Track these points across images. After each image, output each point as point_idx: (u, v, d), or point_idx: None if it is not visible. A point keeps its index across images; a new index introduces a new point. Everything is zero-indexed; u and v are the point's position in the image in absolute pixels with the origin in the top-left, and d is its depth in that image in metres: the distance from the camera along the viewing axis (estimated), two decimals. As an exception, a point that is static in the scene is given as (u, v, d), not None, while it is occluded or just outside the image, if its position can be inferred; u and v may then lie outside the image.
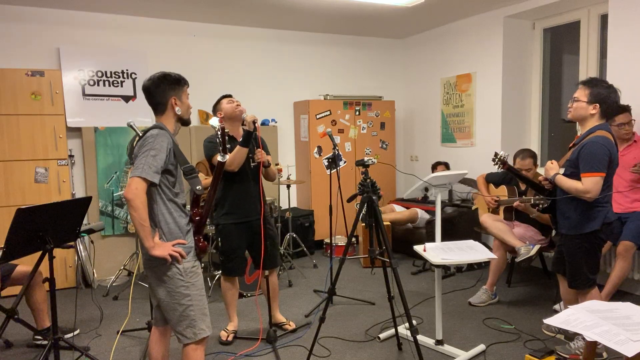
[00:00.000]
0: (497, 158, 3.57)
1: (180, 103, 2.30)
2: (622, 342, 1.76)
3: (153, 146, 2.13)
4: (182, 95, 2.31)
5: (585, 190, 2.74)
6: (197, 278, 2.25)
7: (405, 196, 3.44)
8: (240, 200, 3.29)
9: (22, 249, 2.76)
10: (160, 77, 2.27)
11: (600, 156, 2.72)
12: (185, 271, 2.20)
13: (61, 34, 4.87)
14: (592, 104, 2.80)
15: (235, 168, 3.13)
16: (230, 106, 3.25)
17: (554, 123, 5.33)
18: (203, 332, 2.24)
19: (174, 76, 2.29)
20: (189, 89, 2.39)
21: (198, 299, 2.23)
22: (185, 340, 2.23)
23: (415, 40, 6.51)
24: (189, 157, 5.31)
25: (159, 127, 2.23)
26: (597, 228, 2.81)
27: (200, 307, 2.24)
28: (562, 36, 5.19)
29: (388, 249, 2.82)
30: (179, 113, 2.28)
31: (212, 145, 3.25)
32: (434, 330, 3.33)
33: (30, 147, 4.50)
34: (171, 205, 2.22)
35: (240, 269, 3.43)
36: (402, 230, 5.42)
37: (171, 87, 2.27)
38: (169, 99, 2.27)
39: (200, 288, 2.26)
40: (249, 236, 3.35)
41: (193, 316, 2.20)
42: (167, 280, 2.18)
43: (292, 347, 3.32)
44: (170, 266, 2.16)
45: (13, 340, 3.48)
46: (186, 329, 2.21)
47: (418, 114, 6.56)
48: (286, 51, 6.02)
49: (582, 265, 2.89)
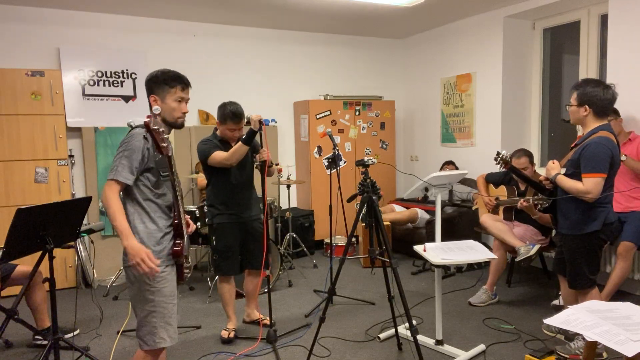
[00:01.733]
0: (500, 157, 3.56)
1: (162, 103, 2.19)
2: (622, 342, 1.76)
3: (127, 146, 2.10)
4: (165, 96, 2.19)
5: (586, 191, 2.73)
6: (165, 284, 2.14)
7: (405, 196, 3.44)
8: (235, 200, 3.32)
9: (22, 249, 2.76)
10: (152, 74, 2.23)
11: (601, 157, 2.71)
12: (154, 275, 2.10)
13: (61, 34, 4.88)
14: (581, 107, 2.80)
15: (233, 163, 3.16)
16: (230, 134, 3.30)
17: (554, 123, 5.33)
18: (163, 342, 2.15)
19: (161, 75, 2.20)
20: (185, 92, 2.25)
21: (162, 306, 2.14)
22: (145, 346, 2.15)
23: (415, 40, 6.51)
24: (188, 158, 5.31)
25: (141, 126, 2.17)
26: (597, 228, 2.81)
27: (164, 315, 2.15)
28: (562, 36, 5.19)
29: (388, 249, 2.82)
30: (156, 112, 2.12)
31: (206, 147, 3.27)
32: (434, 330, 3.33)
33: (30, 147, 4.50)
34: (149, 205, 2.16)
35: (235, 268, 3.43)
36: (402, 230, 5.42)
37: (156, 85, 2.20)
38: (149, 97, 2.22)
39: (168, 295, 2.15)
40: (242, 235, 3.38)
41: (154, 323, 2.13)
42: (134, 282, 2.13)
43: (292, 347, 3.32)
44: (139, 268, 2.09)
45: (13, 340, 3.47)
46: (146, 335, 2.14)
47: (418, 114, 6.56)
48: (286, 51, 6.02)
49: (582, 266, 2.88)
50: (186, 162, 5.32)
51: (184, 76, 2.27)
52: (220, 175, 3.29)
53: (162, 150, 2.00)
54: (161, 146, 1.99)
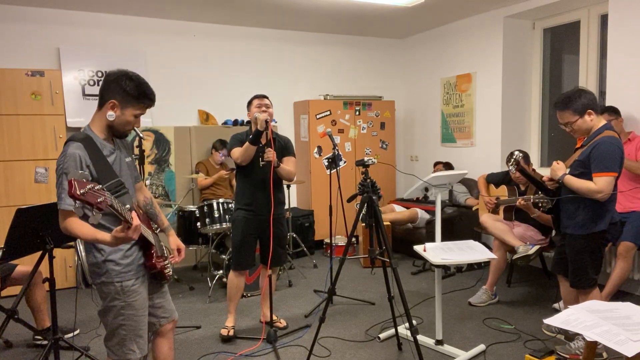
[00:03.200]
0: (513, 159, 3.50)
1: (119, 112, 2.03)
2: (622, 342, 1.76)
3: (63, 169, 1.92)
4: (128, 108, 2.03)
5: (598, 190, 2.71)
6: (135, 297, 2.08)
7: (405, 196, 3.44)
8: (254, 196, 3.36)
9: (22, 249, 2.76)
10: (121, 75, 2.02)
11: (613, 156, 2.71)
12: (124, 289, 2.05)
13: (61, 34, 4.88)
14: (584, 115, 2.79)
15: (243, 162, 3.24)
16: (257, 111, 3.29)
17: (554, 123, 5.33)
18: (132, 354, 2.12)
19: (134, 90, 2.02)
20: (140, 110, 2.07)
21: (133, 319, 2.09)
22: (114, 356, 2.14)
23: (415, 40, 6.51)
24: (188, 158, 5.31)
25: (73, 138, 1.98)
26: (605, 228, 2.82)
27: (134, 328, 2.10)
28: (562, 36, 5.19)
29: (388, 249, 2.82)
30: (110, 119, 2.01)
31: (233, 141, 3.38)
32: (434, 330, 3.33)
33: (30, 147, 4.50)
34: (106, 219, 2.01)
35: (250, 262, 3.46)
36: (402, 230, 5.42)
37: (122, 93, 2.01)
38: (108, 99, 2.02)
39: (138, 308, 2.10)
40: (260, 232, 3.41)
41: (124, 335, 2.09)
42: (105, 297, 2.08)
43: (292, 347, 3.32)
44: (108, 284, 2.04)
45: (13, 341, 3.47)
46: (115, 345, 2.11)
47: (418, 114, 6.56)
48: (286, 51, 6.02)
49: (586, 265, 2.88)
50: (186, 162, 5.32)
51: (154, 96, 2.12)
52: (241, 172, 3.39)
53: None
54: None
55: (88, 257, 2.09)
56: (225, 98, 5.68)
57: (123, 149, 2.20)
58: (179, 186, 5.29)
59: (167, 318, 2.33)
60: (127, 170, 2.17)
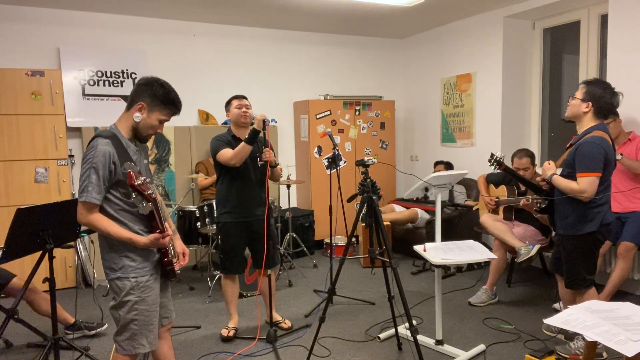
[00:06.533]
0: (493, 159, 3.58)
1: (146, 115, 2.12)
2: (622, 342, 1.76)
3: (93, 163, 2.00)
4: (154, 112, 2.12)
5: (580, 190, 2.74)
6: (149, 293, 2.14)
7: (405, 196, 3.44)
8: (241, 199, 3.31)
9: (22, 249, 2.76)
10: (153, 81, 2.14)
11: (595, 156, 2.72)
12: (139, 285, 2.11)
13: (61, 34, 4.87)
14: (585, 102, 2.81)
15: (236, 163, 3.17)
16: (238, 112, 3.32)
17: (554, 123, 5.33)
18: (142, 348, 2.16)
19: (163, 95, 2.12)
20: (165, 116, 2.16)
21: (145, 314, 2.14)
22: (122, 351, 2.16)
23: (415, 40, 6.51)
24: (188, 158, 5.31)
25: (102, 135, 2.08)
26: (594, 229, 2.81)
27: (146, 323, 2.15)
28: (562, 36, 5.19)
29: (388, 249, 2.82)
30: (136, 120, 2.11)
31: (219, 143, 3.29)
32: (434, 330, 3.33)
33: (30, 147, 4.50)
34: (124, 216, 2.10)
35: (240, 267, 3.44)
36: (402, 230, 5.42)
37: (151, 96, 2.10)
38: (137, 101, 2.11)
39: (151, 304, 2.16)
40: (248, 235, 3.37)
41: (135, 330, 2.13)
42: (119, 292, 2.12)
43: (292, 347, 3.32)
44: (124, 279, 2.09)
45: (13, 341, 3.47)
46: (125, 340, 2.15)
47: (418, 114, 6.56)
48: (286, 51, 6.02)
49: (579, 266, 2.89)
50: (186, 162, 5.32)
51: (181, 104, 2.20)
52: (228, 174, 3.30)
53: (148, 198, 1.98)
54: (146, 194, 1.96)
55: (103, 253, 2.15)
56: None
57: (142, 151, 2.27)
58: (179, 186, 5.29)
59: (167, 318, 2.37)
60: (145, 172, 2.24)
